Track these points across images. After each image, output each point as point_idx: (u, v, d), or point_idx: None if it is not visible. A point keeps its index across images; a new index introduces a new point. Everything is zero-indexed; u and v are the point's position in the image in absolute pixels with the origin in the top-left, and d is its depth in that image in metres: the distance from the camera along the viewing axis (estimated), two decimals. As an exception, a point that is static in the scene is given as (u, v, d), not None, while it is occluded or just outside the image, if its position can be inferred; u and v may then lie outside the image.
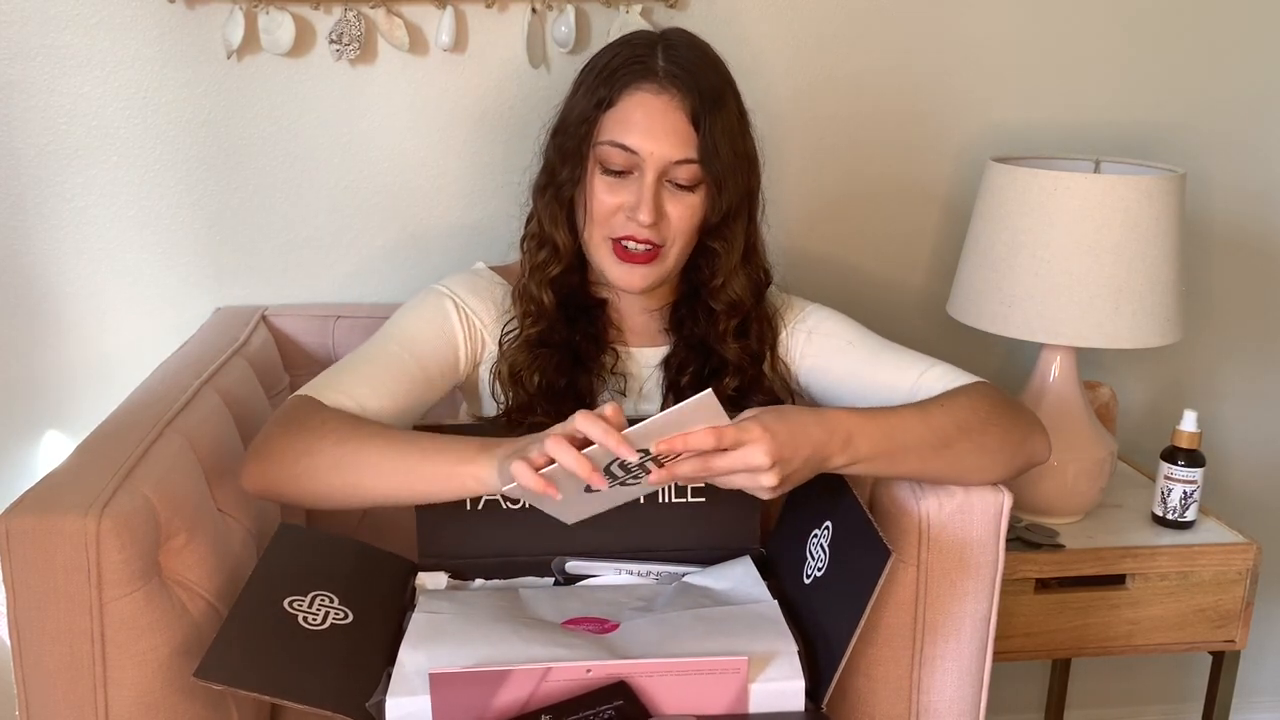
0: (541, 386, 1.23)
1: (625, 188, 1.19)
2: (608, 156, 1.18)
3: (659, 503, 1.23)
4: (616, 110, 1.18)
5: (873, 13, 1.67)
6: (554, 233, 1.25)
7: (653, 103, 1.17)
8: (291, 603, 1.08)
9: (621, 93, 1.18)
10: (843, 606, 1.05)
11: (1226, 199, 1.82)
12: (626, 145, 1.17)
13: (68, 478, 1.05)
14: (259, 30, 1.52)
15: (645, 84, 1.17)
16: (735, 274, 1.25)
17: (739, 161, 1.20)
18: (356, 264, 1.65)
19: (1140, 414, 1.87)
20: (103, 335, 1.62)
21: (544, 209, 1.26)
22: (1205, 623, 1.53)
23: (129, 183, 1.57)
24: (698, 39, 1.26)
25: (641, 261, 1.21)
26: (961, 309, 1.56)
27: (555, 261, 1.26)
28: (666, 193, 1.19)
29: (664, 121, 1.16)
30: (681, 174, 1.18)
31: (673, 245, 1.21)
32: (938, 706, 1.16)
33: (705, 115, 1.16)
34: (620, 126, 1.18)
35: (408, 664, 1.02)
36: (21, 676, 1.01)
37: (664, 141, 1.16)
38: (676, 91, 1.17)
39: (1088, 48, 1.73)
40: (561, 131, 1.24)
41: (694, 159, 1.17)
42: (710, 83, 1.19)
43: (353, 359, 1.22)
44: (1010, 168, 1.49)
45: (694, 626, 1.08)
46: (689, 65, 1.19)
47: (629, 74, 1.18)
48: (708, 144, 1.17)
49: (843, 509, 1.11)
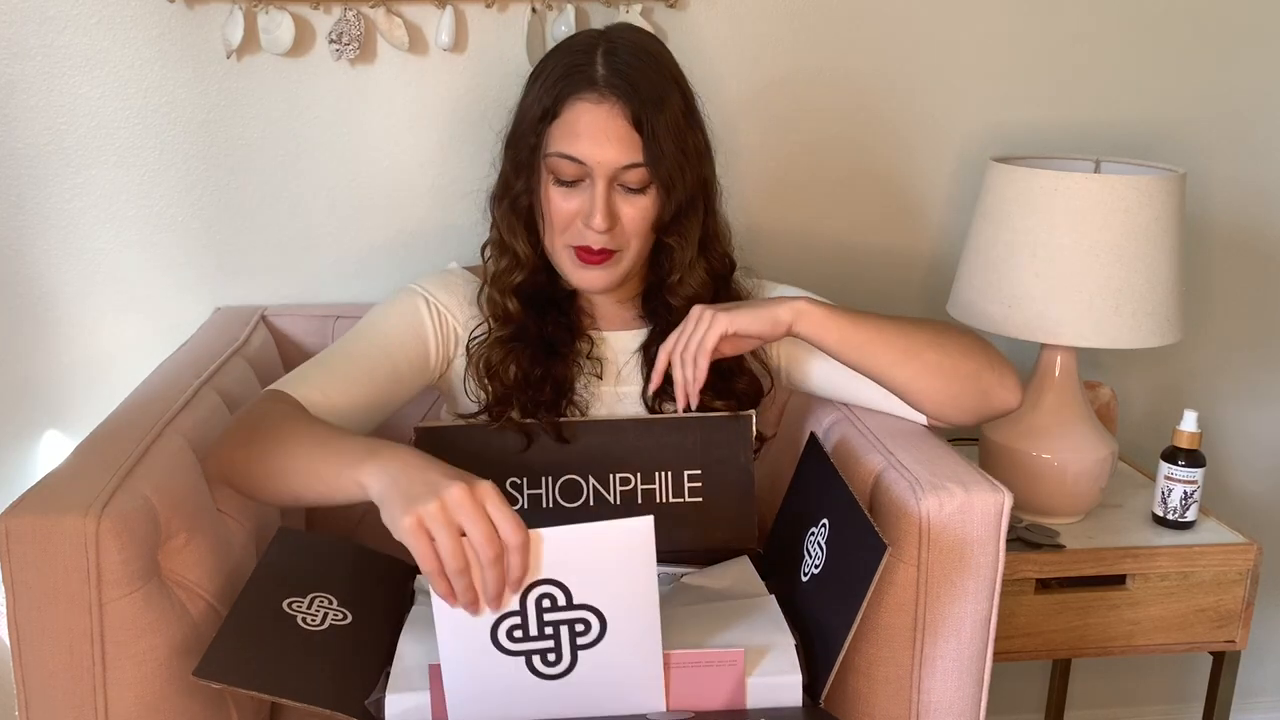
0: (518, 378, 1.25)
1: (578, 195, 1.21)
2: (558, 168, 1.21)
3: (656, 503, 1.23)
4: (561, 121, 1.20)
5: (873, 12, 1.67)
6: (513, 243, 1.27)
7: (594, 111, 1.18)
8: (290, 604, 1.08)
9: (564, 104, 1.20)
10: (840, 602, 1.05)
11: (1226, 199, 1.82)
12: (574, 156, 1.19)
13: (68, 478, 1.05)
14: (259, 30, 1.52)
15: (586, 93, 1.19)
16: (692, 268, 1.28)
17: (686, 158, 1.22)
18: (356, 264, 1.64)
19: (1140, 414, 1.87)
20: (103, 335, 1.62)
21: (501, 219, 1.28)
22: (1205, 623, 1.53)
23: (128, 183, 1.57)
24: (641, 34, 1.28)
25: (598, 262, 1.23)
26: (962, 309, 1.56)
27: (517, 269, 1.28)
28: (618, 196, 1.21)
29: (607, 129, 1.18)
30: (630, 177, 1.20)
31: (629, 246, 1.24)
32: (938, 706, 1.15)
33: (647, 118, 1.18)
34: (566, 138, 1.19)
35: (407, 657, 1.03)
36: (21, 676, 1.01)
37: (609, 149, 1.18)
38: (617, 99, 1.18)
39: (1088, 48, 1.73)
40: (513, 143, 1.27)
41: (640, 162, 1.19)
42: (650, 83, 1.20)
43: (325, 355, 1.25)
44: (1010, 168, 1.49)
45: (690, 621, 1.08)
46: (628, 69, 1.20)
47: (569, 83, 1.20)
48: (652, 146, 1.19)
49: (839, 506, 1.11)
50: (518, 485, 1.23)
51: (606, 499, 1.24)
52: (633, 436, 1.25)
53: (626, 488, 1.24)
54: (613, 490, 1.24)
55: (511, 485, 1.23)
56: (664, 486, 1.24)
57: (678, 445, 1.24)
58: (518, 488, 1.23)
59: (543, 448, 1.24)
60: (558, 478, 1.24)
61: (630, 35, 1.26)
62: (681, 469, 1.24)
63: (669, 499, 1.24)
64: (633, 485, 1.24)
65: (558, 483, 1.24)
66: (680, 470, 1.24)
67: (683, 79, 1.26)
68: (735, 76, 1.64)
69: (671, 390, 1.26)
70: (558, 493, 1.24)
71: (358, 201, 1.63)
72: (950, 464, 1.18)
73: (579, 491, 1.24)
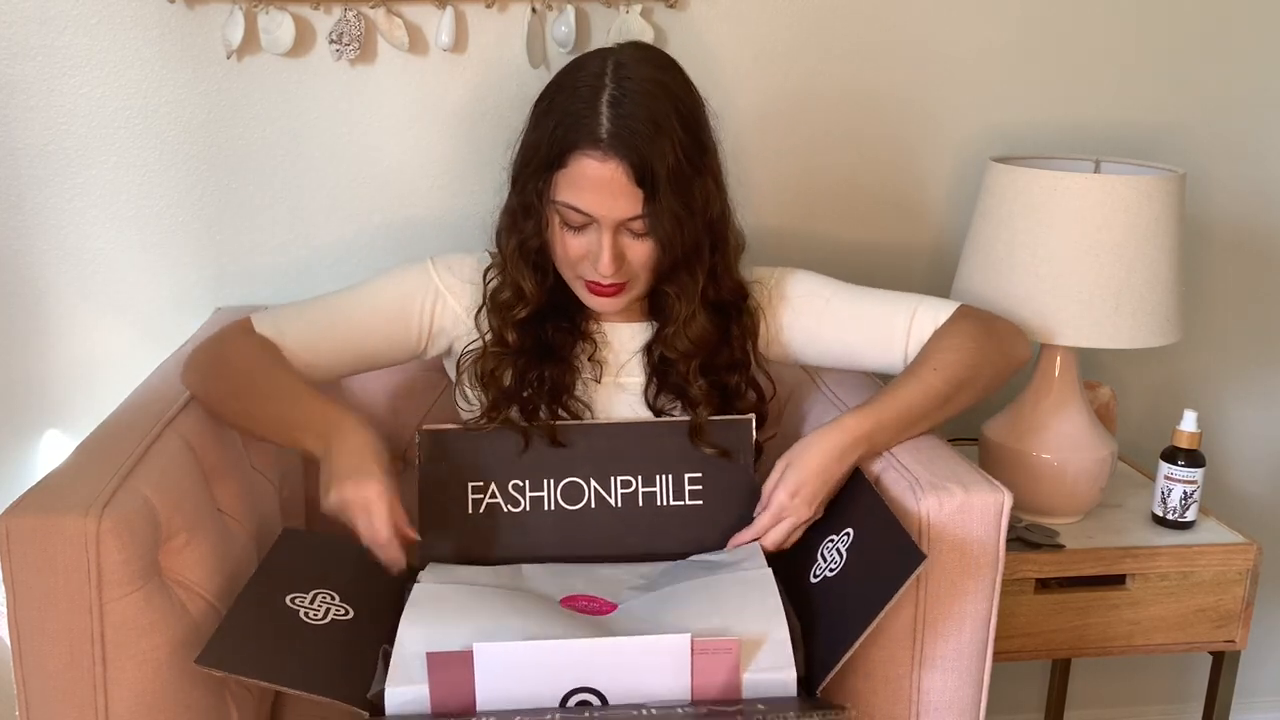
0: (514, 381, 1.26)
1: (586, 237, 1.23)
2: (566, 216, 1.22)
3: (657, 506, 1.24)
4: (566, 173, 1.20)
5: (874, 13, 1.67)
6: (519, 279, 1.27)
7: (598, 170, 1.18)
8: (293, 599, 1.09)
9: (569, 156, 1.19)
10: (858, 604, 1.06)
11: (1226, 199, 1.82)
12: (580, 208, 1.20)
13: (68, 478, 1.05)
14: (259, 30, 1.52)
15: (590, 150, 1.18)
16: (690, 321, 1.27)
17: (690, 211, 1.21)
18: (356, 264, 1.64)
19: (1140, 414, 1.87)
20: (103, 335, 1.62)
21: (510, 258, 1.28)
22: (1205, 623, 1.53)
23: (129, 183, 1.57)
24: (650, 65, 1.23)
25: (609, 294, 1.25)
26: (961, 309, 1.56)
27: (521, 305, 1.27)
28: (625, 238, 1.22)
29: (610, 187, 1.19)
30: (636, 226, 1.21)
31: (639, 280, 1.26)
32: (938, 706, 1.16)
33: (649, 176, 1.18)
34: (571, 190, 1.20)
35: (407, 644, 1.03)
36: (21, 676, 1.01)
37: (613, 205, 1.19)
38: (620, 160, 1.17)
39: (1088, 48, 1.73)
40: (519, 183, 1.26)
41: (641, 214, 1.20)
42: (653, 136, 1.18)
43: (313, 304, 1.32)
44: (1010, 168, 1.49)
45: (689, 601, 1.09)
46: (632, 120, 1.17)
47: (575, 135, 1.19)
48: (653, 203, 1.19)
49: (872, 516, 1.13)
50: (519, 488, 1.24)
51: (608, 501, 1.24)
52: (634, 439, 1.25)
53: (627, 490, 1.24)
54: (614, 493, 1.24)
55: (514, 488, 1.24)
56: (665, 489, 1.24)
57: (679, 448, 1.25)
58: (520, 490, 1.24)
59: (543, 450, 1.25)
60: (559, 480, 1.24)
61: (639, 70, 1.21)
62: (682, 472, 1.24)
63: (670, 501, 1.24)
64: (634, 488, 1.24)
65: (559, 485, 1.24)
66: (681, 473, 1.24)
67: (695, 109, 1.23)
68: (735, 76, 1.64)
69: (671, 391, 1.27)
70: (559, 495, 1.24)
71: (358, 201, 1.63)
72: (950, 464, 1.18)
73: (580, 494, 1.24)
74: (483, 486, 1.24)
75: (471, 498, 1.23)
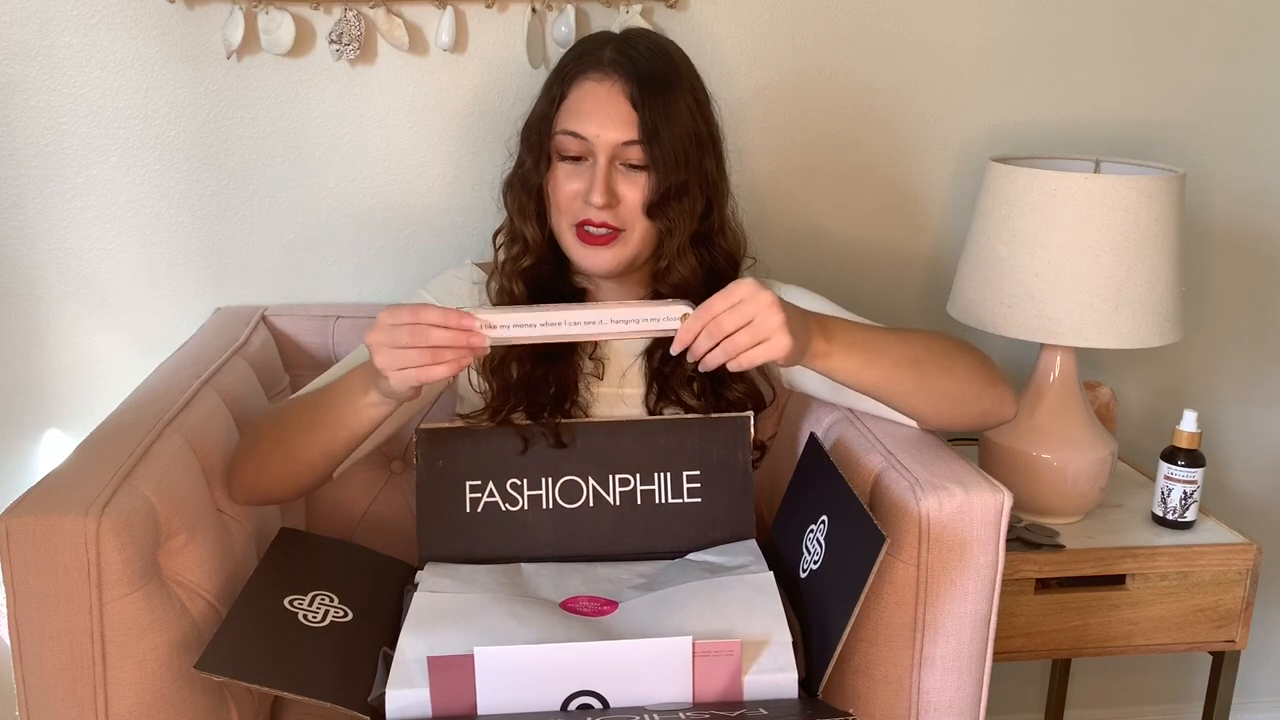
0: (520, 376, 1.26)
1: (582, 174, 1.24)
2: (563, 144, 1.24)
3: (655, 504, 1.24)
4: (568, 102, 1.25)
5: (874, 12, 1.67)
6: (523, 227, 1.30)
7: (597, 89, 1.23)
8: (292, 601, 1.09)
9: (571, 85, 1.25)
10: (838, 595, 1.05)
11: (1226, 199, 1.82)
12: (576, 132, 1.23)
13: (68, 478, 1.05)
14: (259, 30, 1.52)
15: (592, 73, 1.24)
16: (682, 256, 1.27)
17: (685, 143, 1.23)
18: (356, 264, 1.65)
19: (1140, 414, 1.87)
20: (103, 335, 1.62)
21: (513, 204, 1.31)
22: (1205, 623, 1.53)
23: (129, 183, 1.57)
24: (658, 36, 1.32)
25: (603, 243, 1.25)
26: (961, 309, 1.56)
27: (526, 254, 1.30)
28: (620, 175, 1.24)
29: (607, 106, 1.22)
30: (631, 154, 1.23)
31: (633, 228, 1.25)
32: (937, 706, 1.16)
33: (645, 97, 1.22)
34: (571, 116, 1.24)
35: (407, 651, 1.03)
36: (21, 676, 1.01)
37: (608, 125, 1.22)
38: (619, 77, 1.23)
39: (1087, 48, 1.73)
40: (527, 131, 1.30)
41: (637, 139, 1.22)
42: (654, 68, 1.24)
43: (333, 369, 1.28)
44: (1010, 168, 1.49)
45: (690, 604, 1.09)
46: (634, 53, 1.24)
47: (578, 67, 1.26)
48: (647, 125, 1.21)
49: (838, 502, 1.12)
50: (518, 486, 1.24)
51: (606, 500, 1.24)
52: (631, 438, 1.25)
53: (626, 489, 1.24)
54: (612, 491, 1.24)
55: (511, 486, 1.23)
56: (663, 487, 1.24)
57: (676, 446, 1.25)
58: (518, 489, 1.24)
59: (542, 449, 1.25)
60: (557, 479, 1.24)
61: (646, 34, 1.32)
62: (680, 470, 1.24)
63: (668, 499, 1.24)
64: (632, 486, 1.24)
65: (557, 484, 1.24)
66: (679, 471, 1.24)
67: (696, 78, 1.29)
68: (735, 76, 1.64)
69: (671, 394, 1.27)
70: (557, 494, 1.24)
71: (358, 201, 1.63)
72: (950, 464, 1.18)
73: (579, 493, 1.24)
74: (481, 485, 1.24)
75: (470, 496, 1.23)
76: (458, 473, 1.24)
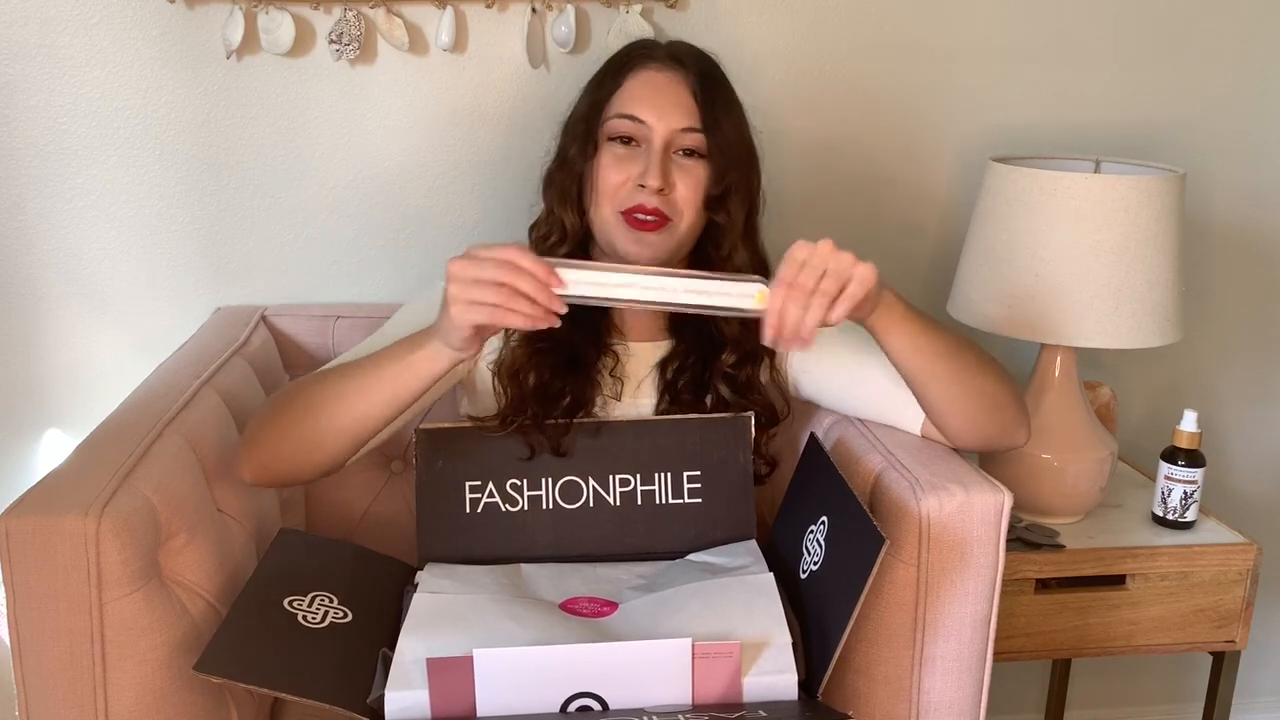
0: (537, 386, 1.24)
1: (633, 160, 1.23)
2: (617, 127, 1.24)
3: (656, 504, 1.24)
4: (624, 90, 1.25)
5: (872, 13, 1.67)
6: (563, 214, 1.28)
7: (657, 78, 1.25)
8: (291, 601, 1.09)
9: (627, 74, 1.26)
10: (838, 596, 1.05)
11: (1226, 199, 1.82)
12: (634, 115, 1.23)
13: (68, 478, 1.05)
14: (259, 30, 1.52)
15: (650, 64, 1.26)
16: (738, 248, 1.27)
17: (740, 139, 1.27)
18: (356, 264, 1.65)
19: (1140, 414, 1.87)
20: (103, 335, 1.62)
21: (554, 193, 1.29)
22: (1205, 623, 1.53)
23: (129, 183, 1.57)
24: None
25: (652, 229, 1.23)
26: (961, 309, 1.56)
27: (563, 242, 1.28)
28: (674, 164, 1.23)
29: (668, 94, 1.24)
30: (687, 141, 1.23)
31: (682, 218, 1.24)
32: (938, 706, 1.16)
33: (706, 90, 1.24)
34: (629, 101, 1.25)
35: (407, 653, 1.03)
36: (21, 676, 1.01)
37: (669, 112, 1.23)
38: (680, 68, 1.25)
39: (1088, 48, 1.73)
40: (571, 123, 1.30)
41: (697, 127, 1.23)
42: (713, 69, 1.28)
43: (346, 355, 1.24)
44: (1010, 168, 1.49)
45: (690, 605, 1.09)
46: (691, 54, 1.27)
47: (634, 60, 1.27)
48: (709, 115, 1.23)
49: (838, 502, 1.12)
50: (517, 487, 1.24)
51: (606, 500, 1.24)
52: (632, 438, 1.25)
53: (626, 489, 1.24)
54: (612, 492, 1.24)
55: (511, 487, 1.23)
56: (663, 487, 1.24)
57: (677, 446, 1.25)
58: (518, 489, 1.23)
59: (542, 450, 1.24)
60: (557, 479, 1.24)
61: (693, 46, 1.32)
62: (681, 470, 1.24)
63: (668, 500, 1.24)
64: (632, 486, 1.24)
65: (557, 484, 1.24)
66: (680, 471, 1.24)
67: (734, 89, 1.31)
68: (734, 77, 1.62)
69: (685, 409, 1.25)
70: (557, 494, 1.24)
71: (358, 201, 1.63)
72: (950, 464, 1.18)
73: (579, 493, 1.24)
74: (481, 486, 1.23)
75: (469, 497, 1.23)
76: (457, 473, 1.24)
